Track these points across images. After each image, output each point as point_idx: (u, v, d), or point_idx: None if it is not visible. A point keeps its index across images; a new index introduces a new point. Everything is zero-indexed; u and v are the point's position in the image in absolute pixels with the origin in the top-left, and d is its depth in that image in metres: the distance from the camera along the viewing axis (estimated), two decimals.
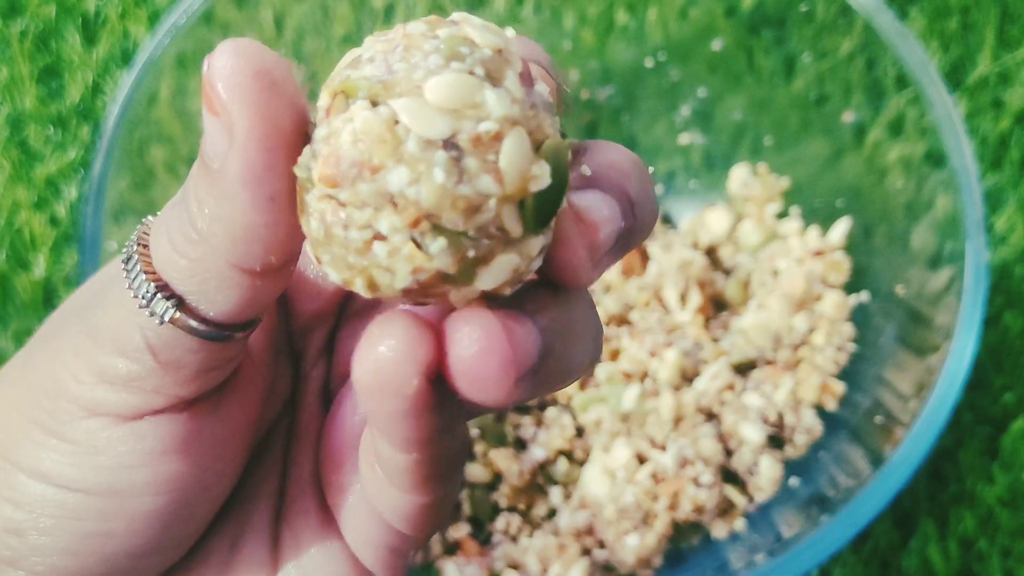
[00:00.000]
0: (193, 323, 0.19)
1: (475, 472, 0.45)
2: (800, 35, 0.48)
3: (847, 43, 0.46)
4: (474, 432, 0.45)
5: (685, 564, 0.43)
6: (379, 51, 0.17)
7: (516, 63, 0.17)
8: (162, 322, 0.19)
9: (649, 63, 0.52)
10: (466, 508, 0.45)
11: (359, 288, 0.18)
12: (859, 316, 0.47)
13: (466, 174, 0.16)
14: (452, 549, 0.45)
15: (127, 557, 0.21)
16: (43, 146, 0.55)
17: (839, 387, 0.46)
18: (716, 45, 0.51)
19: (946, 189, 0.41)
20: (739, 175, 0.52)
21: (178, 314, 0.19)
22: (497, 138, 0.17)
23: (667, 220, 0.53)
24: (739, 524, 0.44)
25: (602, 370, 0.46)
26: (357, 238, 0.17)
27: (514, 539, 0.45)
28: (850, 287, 0.48)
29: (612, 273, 0.49)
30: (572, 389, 0.46)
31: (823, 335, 0.47)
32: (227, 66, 0.17)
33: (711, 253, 0.51)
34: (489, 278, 0.17)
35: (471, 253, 0.17)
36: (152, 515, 0.21)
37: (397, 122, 0.16)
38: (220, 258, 0.18)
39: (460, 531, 0.45)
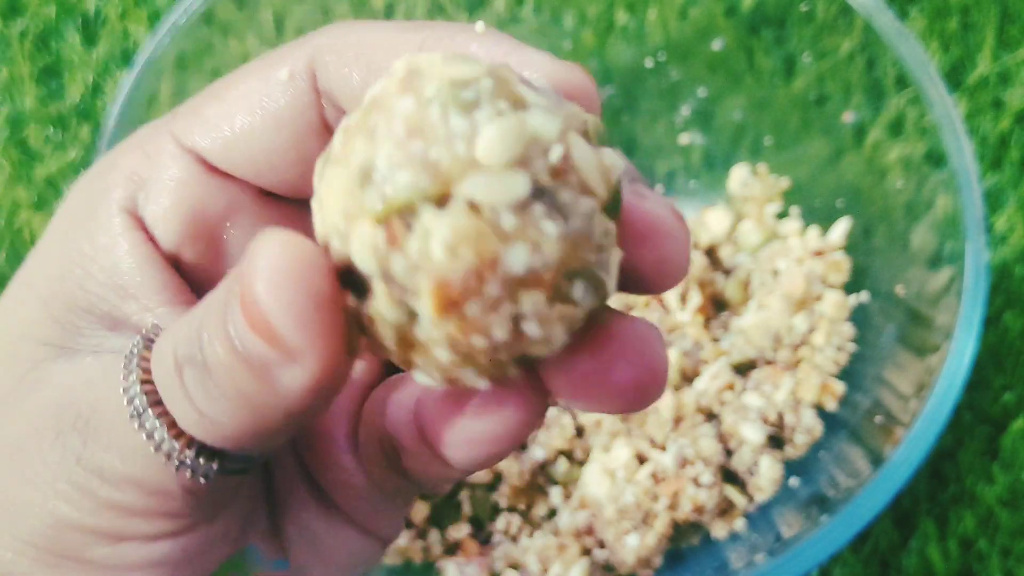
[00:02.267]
0: (218, 468, 0.18)
1: (475, 472, 0.45)
2: (800, 35, 0.48)
3: (847, 43, 0.46)
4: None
5: (685, 564, 0.43)
6: (386, 148, 0.15)
7: (510, 74, 0.16)
8: (197, 474, 0.18)
9: (649, 63, 0.52)
10: (466, 508, 0.45)
11: (508, 375, 0.16)
12: (859, 316, 0.47)
13: (567, 208, 0.15)
14: (452, 549, 0.45)
15: None
16: (43, 146, 0.55)
17: (839, 387, 0.46)
18: (716, 45, 0.51)
19: (946, 189, 0.41)
20: (739, 175, 0.52)
21: (207, 464, 0.18)
22: (567, 157, 0.15)
23: None
24: (739, 524, 0.44)
25: None
26: (501, 334, 0.15)
27: (514, 539, 0.45)
28: (850, 287, 0.48)
29: None
30: None
31: (823, 335, 0.47)
32: (275, 294, 0.15)
33: (711, 253, 0.51)
34: (612, 280, 0.16)
35: (602, 275, 0.16)
36: None
37: (478, 206, 0.15)
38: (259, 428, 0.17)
39: (460, 531, 0.45)
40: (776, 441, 0.45)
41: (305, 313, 0.15)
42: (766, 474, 0.44)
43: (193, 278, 0.21)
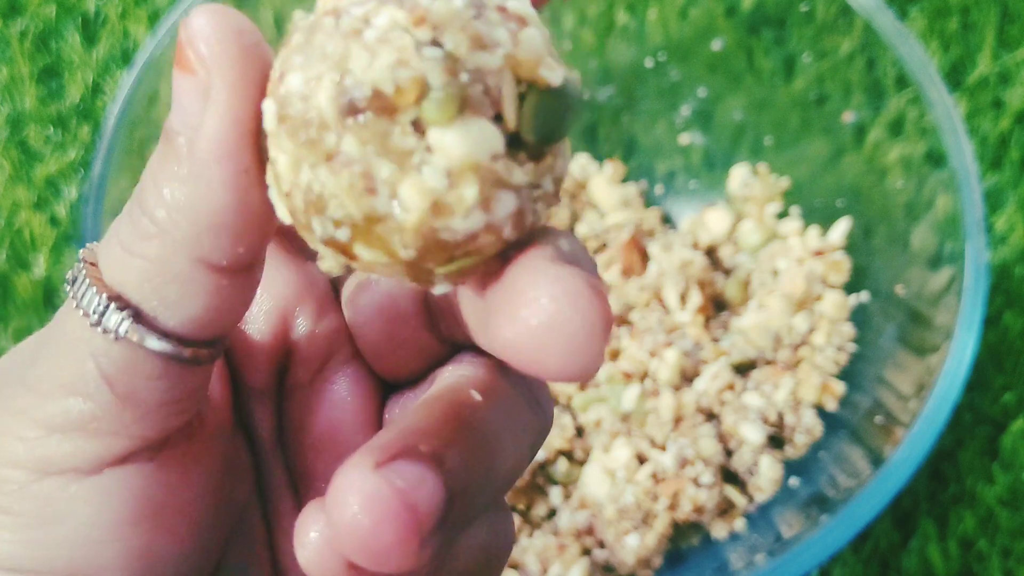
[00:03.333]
0: (152, 339, 0.17)
1: None
2: (800, 35, 0.48)
3: (847, 43, 0.46)
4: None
5: (685, 564, 0.43)
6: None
7: None
8: (117, 337, 0.17)
9: (649, 63, 0.52)
10: None
11: (430, 265, 0.16)
12: (859, 316, 0.47)
13: (485, 18, 0.15)
14: None
15: None
16: (43, 146, 0.55)
17: (839, 387, 0.46)
18: (716, 45, 0.51)
19: (946, 189, 0.41)
20: (739, 175, 0.52)
21: (134, 325, 0.17)
22: (522, 21, 0.16)
23: (667, 220, 0.53)
24: (739, 524, 0.44)
25: (602, 370, 0.46)
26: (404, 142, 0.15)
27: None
28: (850, 287, 0.48)
29: (612, 273, 0.49)
30: (572, 389, 0.46)
31: (823, 335, 0.47)
32: (207, 26, 0.16)
33: (711, 253, 0.51)
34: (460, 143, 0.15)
35: (459, 88, 0.15)
36: None
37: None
38: (182, 254, 0.17)
39: None
40: (776, 441, 0.45)
41: (223, 37, 0.16)
42: (766, 474, 0.44)
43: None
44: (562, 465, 0.45)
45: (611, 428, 0.45)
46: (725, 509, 0.44)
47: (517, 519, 0.45)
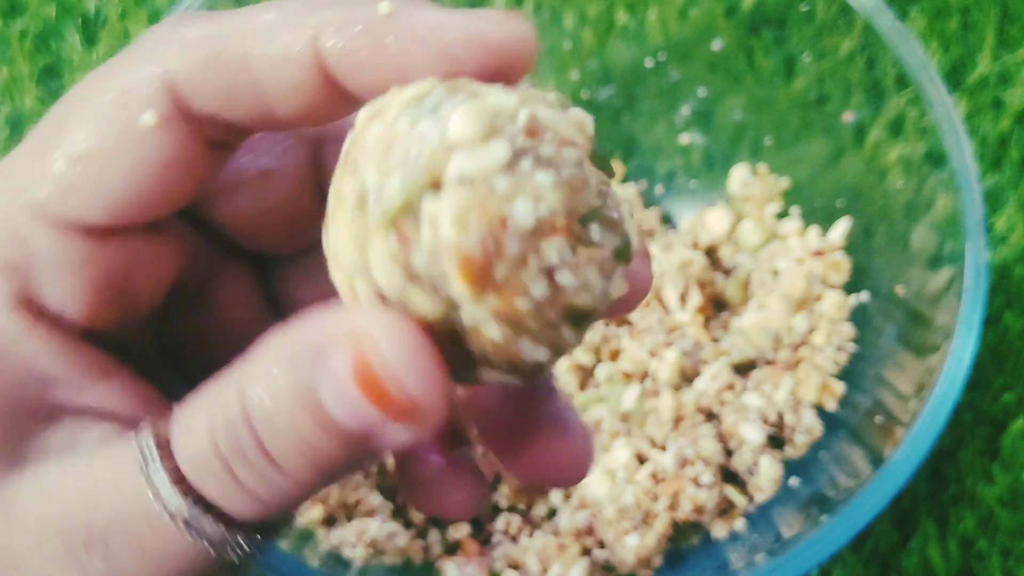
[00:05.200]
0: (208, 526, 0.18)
1: None
2: (800, 35, 0.48)
3: (847, 43, 0.46)
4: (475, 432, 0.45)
5: (685, 564, 0.43)
6: (370, 171, 0.16)
7: (458, 80, 0.17)
8: (251, 552, 0.18)
9: (649, 63, 0.52)
10: None
11: (561, 348, 0.17)
12: (859, 316, 0.47)
13: (553, 159, 0.16)
14: (452, 549, 0.45)
15: None
16: None
17: (839, 387, 0.46)
18: (716, 45, 0.51)
19: (946, 189, 0.41)
20: (739, 175, 0.52)
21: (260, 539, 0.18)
22: (534, 119, 0.16)
23: (667, 220, 0.53)
24: (739, 524, 0.44)
25: (602, 370, 0.46)
26: (540, 292, 0.16)
27: (514, 539, 0.45)
28: (850, 287, 0.48)
29: None
30: (572, 389, 0.46)
31: (823, 335, 0.47)
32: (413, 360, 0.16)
33: (711, 253, 0.51)
34: (632, 232, 0.17)
35: (614, 215, 0.16)
36: None
37: (470, 181, 0.15)
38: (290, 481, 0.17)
39: (460, 531, 0.45)
40: (776, 441, 0.45)
41: (431, 375, 0.16)
42: (766, 474, 0.44)
43: (113, 336, 0.21)
44: None
45: (611, 428, 0.45)
46: (725, 509, 0.44)
47: (517, 519, 0.45)
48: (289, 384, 0.16)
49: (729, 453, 0.45)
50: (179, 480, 0.17)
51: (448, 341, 0.16)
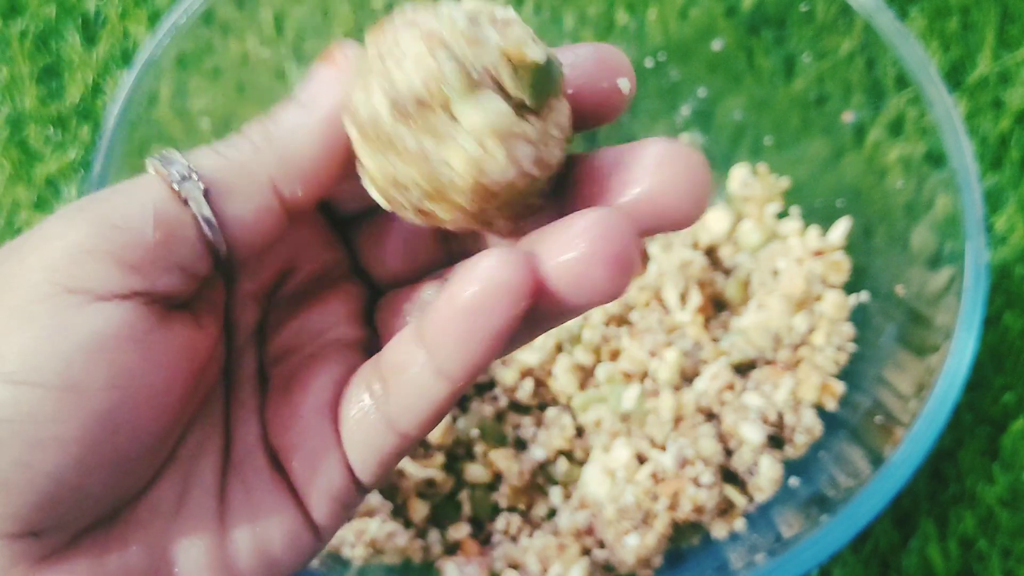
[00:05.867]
0: (207, 213, 0.21)
1: (475, 472, 0.45)
2: (800, 35, 0.48)
3: (847, 43, 0.46)
4: (474, 432, 0.45)
5: (685, 564, 0.43)
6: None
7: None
8: (183, 198, 0.21)
9: (649, 63, 0.52)
10: (466, 508, 0.45)
11: (442, 214, 0.21)
12: (859, 316, 0.47)
13: (480, 25, 0.20)
14: (452, 549, 0.45)
15: (77, 473, 0.20)
16: (43, 146, 0.55)
17: (839, 387, 0.46)
18: (716, 45, 0.51)
19: (946, 189, 0.41)
20: (739, 175, 0.52)
21: (202, 196, 0.21)
22: (506, 23, 0.20)
23: None
24: (739, 524, 0.44)
25: (602, 370, 0.46)
26: (414, 144, 0.20)
27: (514, 539, 0.45)
28: (850, 287, 0.48)
29: None
30: (572, 389, 0.46)
31: (823, 335, 0.47)
32: (350, 46, 0.22)
33: (711, 253, 0.51)
34: (524, 148, 0.20)
35: (468, 78, 0.20)
36: (103, 416, 0.20)
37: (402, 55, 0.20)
38: (260, 168, 0.21)
39: (460, 531, 0.45)
40: (776, 441, 0.45)
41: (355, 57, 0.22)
42: (766, 474, 0.44)
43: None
44: (562, 465, 0.45)
45: (611, 428, 0.45)
46: (725, 509, 0.44)
47: (517, 519, 0.45)
48: None
49: (729, 453, 0.45)
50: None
51: None
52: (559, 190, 0.22)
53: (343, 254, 0.26)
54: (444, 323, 0.20)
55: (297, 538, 0.23)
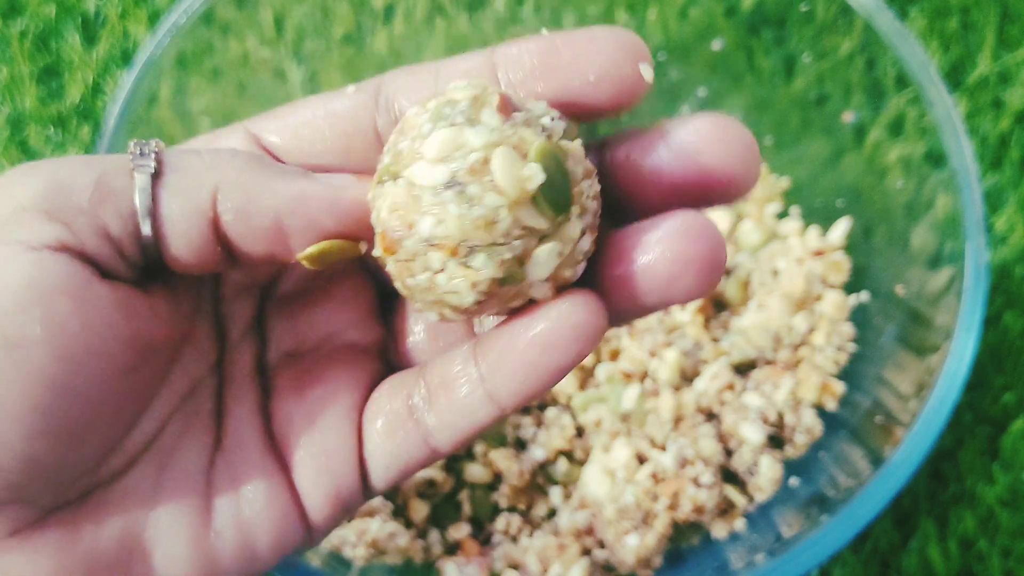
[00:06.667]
0: (145, 198, 0.21)
1: (475, 472, 0.45)
2: (800, 35, 0.48)
3: (847, 43, 0.46)
4: None
5: (685, 564, 0.43)
6: (391, 142, 0.21)
7: (492, 100, 0.21)
8: (135, 167, 0.21)
9: None
10: (466, 508, 0.45)
11: (449, 316, 0.22)
12: (859, 316, 0.47)
13: (474, 199, 0.20)
14: (452, 549, 0.45)
15: (24, 440, 0.20)
16: (43, 146, 0.55)
17: (839, 387, 0.46)
18: (716, 45, 0.51)
19: (946, 189, 0.41)
20: None
21: (148, 178, 0.21)
22: (486, 162, 0.20)
23: None
24: (739, 524, 0.44)
25: (602, 370, 0.46)
26: (423, 281, 0.21)
27: (514, 539, 0.45)
28: (850, 287, 0.48)
29: None
30: (572, 389, 0.46)
31: (823, 335, 0.47)
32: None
33: None
34: (540, 268, 0.21)
35: (507, 255, 0.20)
36: (46, 377, 0.19)
37: (412, 185, 0.20)
38: (207, 189, 0.21)
39: (460, 531, 0.45)
40: (776, 441, 0.45)
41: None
42: (766, 474, 0.44)
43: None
44: (562, 465, 0.45)
45: (611, 428, 0.45)
46: (725, 509, 0.44)
47: (517, 519, 0.45)
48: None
49: (729, 453, 0.45)
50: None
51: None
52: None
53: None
54: (508, 352, 0.21)
55: (285, 534, 0.23)
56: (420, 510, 0.45)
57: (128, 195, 0.21)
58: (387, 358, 0.25)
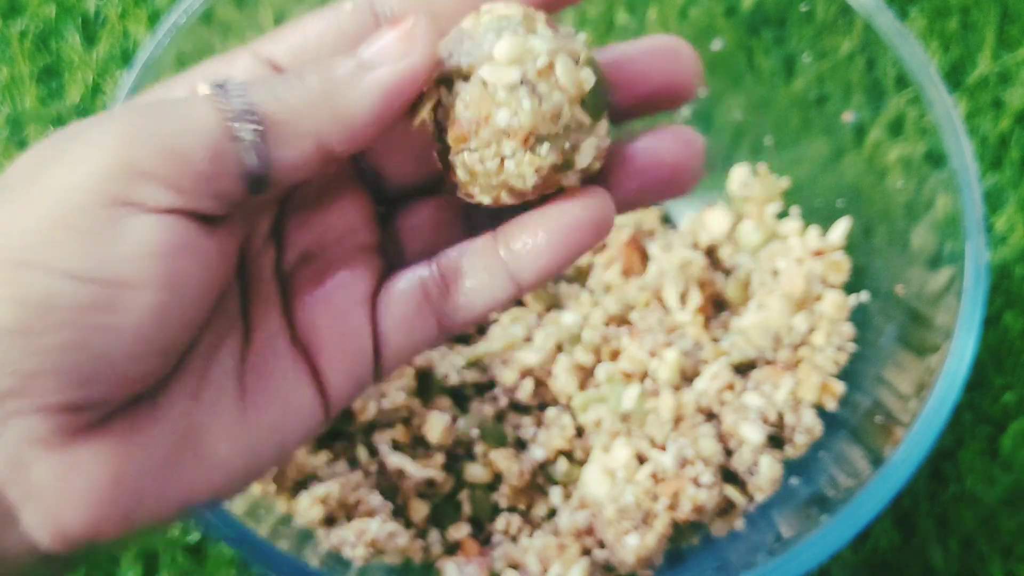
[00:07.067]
0: (254, 159, 0.23)
1: (475, 472, 0.45)
2: (800, 35, 0.48)
3: (847, 43, 0.46)
4: (474, 432, 0.45)
5: (685, 564, 0.43)
6: (447, 47, 0.25)
7: (540, 17, 0.25)
8: (234, 133, 0.23)
9: None
10: (466, 508, 0.45)
11: (506, 199, 0.25)
12: (859, 316, 0.47)
13: (543, 96, 0.24)
14: (452, 549, 0.45)
15: (125, 358, 0.22)
16: None
17: (839, 387, 0.46)
18: (716, 45, 0.51)
19: (946, 189, 0.41)
20: (739, 175, 0.52)
21: (255, 135, 0.23)
22: (550, 66, 0.24)
23: (667, 220, 0.53)
24: (739, 524, 0.44)
25: (602, 370, 0.46)
26: (492, 166, 0.24)
27: (514, 539, 0.45)
28: (850, 287, 0.48)
29: (612, 273, 0.49)
30: (572, 389, 0.46)
31: (823, 335, 0.47)
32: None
33: (711, 253, 0.51)
34: (584, 157, 0.25)
35: (567, 144, 0.24)
36: (156, 311, 0.22)
37: (486, 83, 0.24)
38: (313, 120, 0.23)
39: (460, 531, 0.45)
40: (776, 441, 0.45)
41: (418, 37, 0.24)
42: (766, 474, 0.44)
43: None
44: (562, 465, 0.45)
45: (611, 428, 0.45)
46: (725, 509, 0.44)
47: (517, 519, 0.45)
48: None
49: (729, 453, 0.45)
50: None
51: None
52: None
53: (348, 160, 0.27)
54: (538, 235, 0.25)
55: (310, 416, 0.26)
56: (420, 510, 0.45)
57: (240, 159, 0.23)
58: (387, 259, 0.28)
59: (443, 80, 0.25)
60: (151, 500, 0.24)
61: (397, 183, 0.29)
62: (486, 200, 0.25)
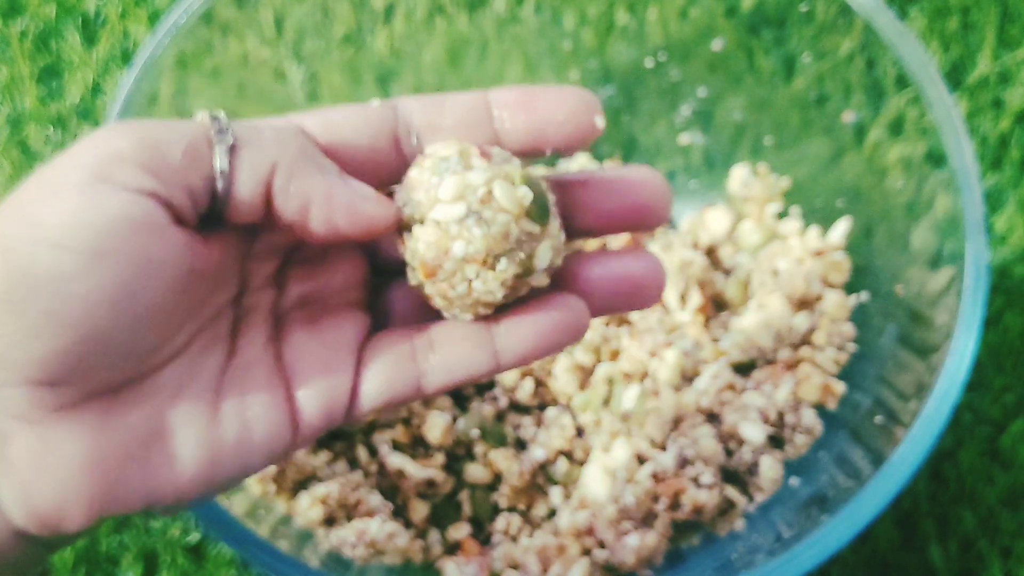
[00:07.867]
0: (224, 163, 0.26)
1: (475, 472, 0.45)
2: (800, 35, 0.48)
3: (847, 43, 0.46)
4: (474, 432, 0.45)
5: (685, 564, 0.43)
6: (401, 198, 0.28)
7: (474, 149, 0.27)
8: (217, 140, 0.26)
9: (649, 63, 0.52)
10: (466, 508, 0.45)
11: (484, 311, 0.28)
12: (859, 316, 0.47)
13: (489, 221, 0.26)
14: (452, 549, 0.45)
15: (96, 329, 0.24)
16: (43, 146, 0.55)
17: (839, 387, 0.46)
18: (716, 45, 0.51)
19: (946, 189, 0.41)
20: (739, 175, 0.52)
21: (227, 149, 0.26)
22: (489, 193, 0.26)
23: (667, 220, 0.53)
24: (739, 524, 0.44)
25: (602, 370, 0.46)
26: (463, 290, 0.27)
27: (514, 539, 0.45)
28: (850, 287, 0.48)
29: None
30: (572, 389, 0.46)
31: (823, 335, 0.47)
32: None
33: (711, 253, 0.51)
34: (541, 260, 0.27)
35: (522, 255, 0.27)
36: (124, 282, 0.24)
37: (439, 223, 0.26)
38: (272, 148, 0.26)
39: (460, 531, 0.45)
40: (776, 441, 0.45)
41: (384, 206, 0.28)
42: (766, 474, 0.44)
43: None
44: (562, 465, 0.45)
45: (611, 428, 0.45)
46: (725, 509, 0.44)
47: (517, 519, 0.45)
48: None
49: (729, 453, 0.45)
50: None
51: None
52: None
53: None
54: (519, 330, 0.28)
55: (277, 436, 0.28)
56: (420, 510, 0.45)
57: (210, 162, 0.26)
58: (376, 320, 0.31)
59: (404, 228, 0.28)
60: (118, 488, 0.25)
61: (392, 258, 0.31)
62: (467, 317, 0.28)
